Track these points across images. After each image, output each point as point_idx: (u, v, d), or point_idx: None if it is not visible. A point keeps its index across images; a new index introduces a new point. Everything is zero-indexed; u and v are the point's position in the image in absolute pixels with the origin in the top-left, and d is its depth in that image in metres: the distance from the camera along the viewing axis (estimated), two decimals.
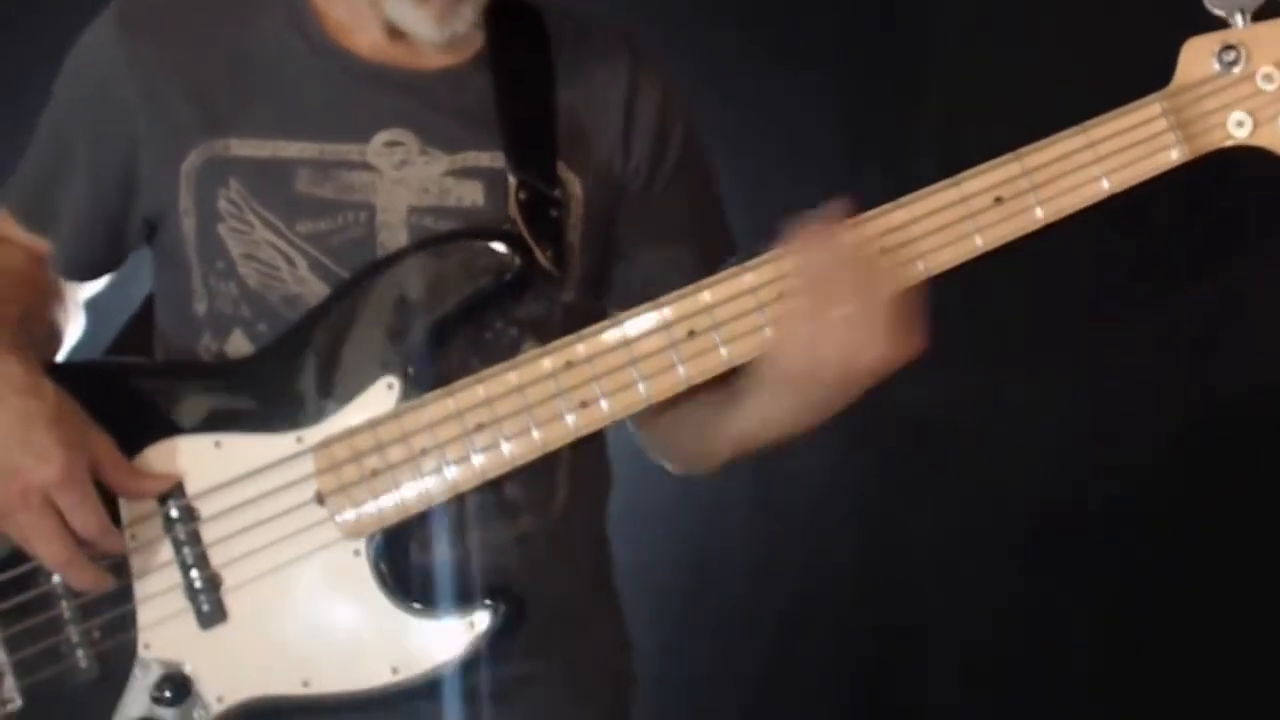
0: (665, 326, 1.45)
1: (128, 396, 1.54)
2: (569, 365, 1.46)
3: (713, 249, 1.62)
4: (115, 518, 1.49)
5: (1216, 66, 1.40)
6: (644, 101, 1.62)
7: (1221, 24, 1.40)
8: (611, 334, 1.46)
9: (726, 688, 2.74)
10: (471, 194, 1.54)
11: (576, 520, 1.63)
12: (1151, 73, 1.44)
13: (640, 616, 1.81)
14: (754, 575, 2.70)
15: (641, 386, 1.46)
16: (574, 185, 1.58)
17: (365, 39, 1.55)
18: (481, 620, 1.48)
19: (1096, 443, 2.57)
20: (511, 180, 1.52)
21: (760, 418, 1.51)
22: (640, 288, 1.54)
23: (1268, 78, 1.38)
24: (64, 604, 1.51)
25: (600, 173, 1.59)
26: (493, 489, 1.51)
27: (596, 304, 1.62)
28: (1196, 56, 1.40)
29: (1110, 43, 2.27)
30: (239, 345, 1.55)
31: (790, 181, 2.45)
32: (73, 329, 1.69)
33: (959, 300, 1.43)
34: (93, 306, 1.71)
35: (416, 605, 1.49)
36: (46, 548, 1.44)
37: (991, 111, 2.32)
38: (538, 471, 1.51)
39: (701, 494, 2.62)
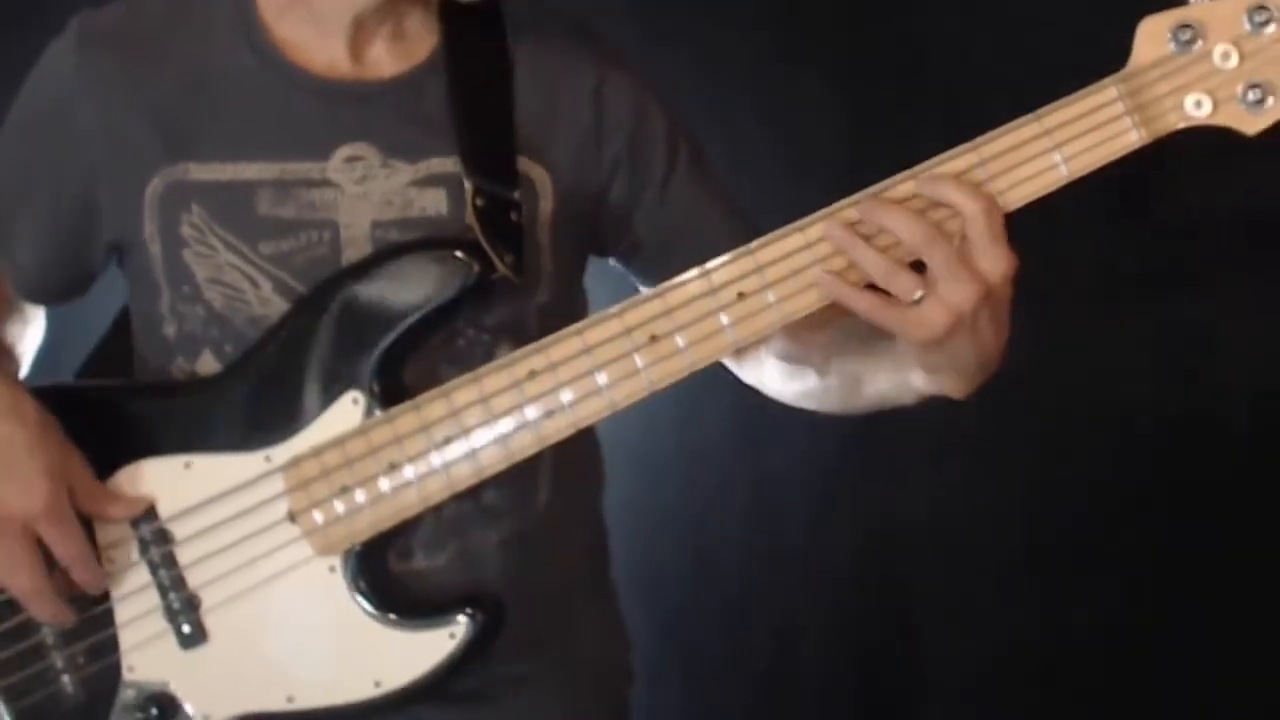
0: (625, 327, 1.44)
1: (97, 418, 1.52)
2: (531, 375, 1.45)
3: (739, 213, 1.64)
4: (90, 539, 1.49)
5: (1173, 46, 1.37)
6: (613, 87, 1.59)
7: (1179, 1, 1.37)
8: (571, 342, 1.45)
9: (726, 685, 2.75)
10: (435, 203, 1.52)
11: (563, 519, 1.62)
12: None
13: (639, 613, 1.82)
14: (753, 572, 2.71)
15: (605, 389, 1.45)
16: (542, 180, 1.55)
17: (320, 54, 1.53)
18: (461, 630, 1.49)
19: (1097, 444, 2.57)
20: (468, 186, 1.50)
21: (929, 391, 1.47)
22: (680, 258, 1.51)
23: (1225, 55, 1.35)
24: (46, 630, 1.52)
25: (572, 163, 1.57)
26: (471, 495, 1.51)
27: (578, 300, 1.62)
28: (1152, 36, 1.38)
29: (1110, 45, 2.23)
30: (208, 365, 1.54)
31: (790, 181, 2.43)
32: (32, 339, 1.69)
33: None
34: (55, 314, 1.70)
35: (395, 617, 1.49)
36: (16, 578, 1.45)
37: (992, 112, 2.29)
38: (518, 474, 1.50)
39: (701, 491, 2.64)
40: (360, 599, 1.49)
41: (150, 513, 1.50)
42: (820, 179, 2.41)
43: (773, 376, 1.66)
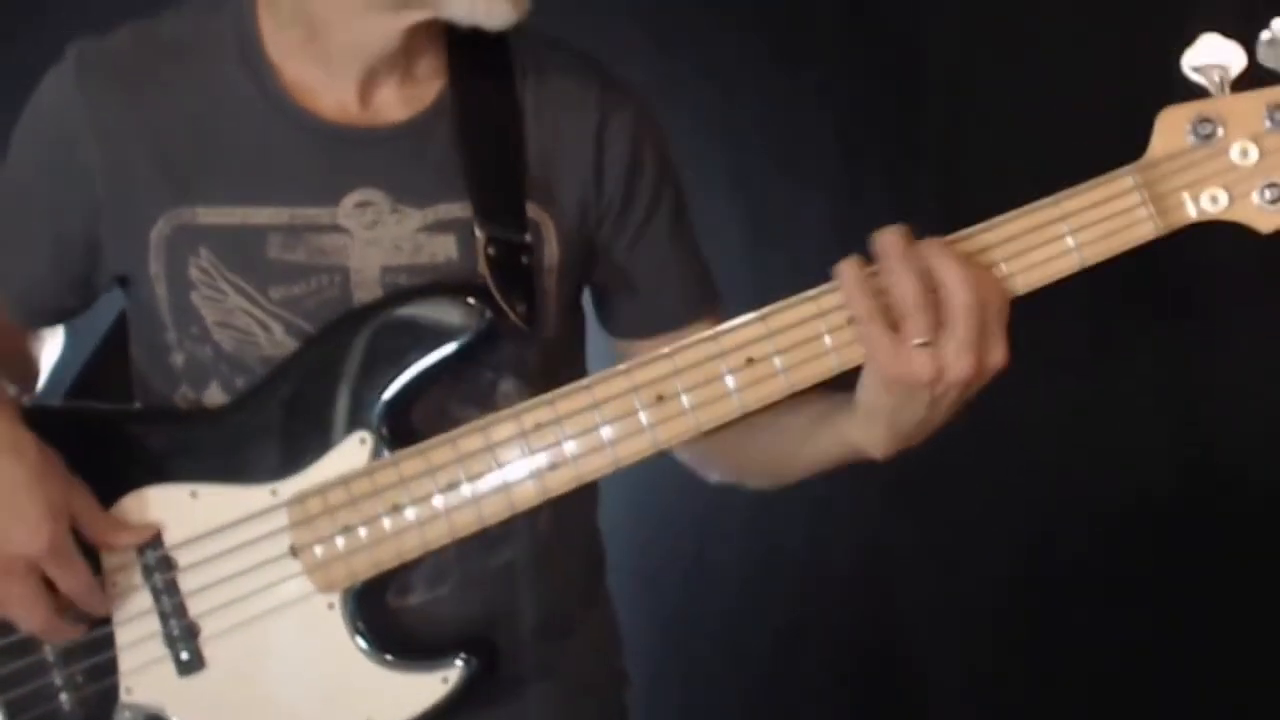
0: (633, 385, 1.45)
1: (103, 444, 1.54)
2: (537, 427, 1.46)
3: (700, 278, 1.66)
4: (94, 564, 1.50)
5: (1191, 139, 1.36)
6: (614, 128, 1.59)
7: (1200, 92, 1.37)
8: (579, 397, 1.46)
9: (725, 685, 2.76)
10: (445, 249, 1.53)
11: (562, 538, 1.64)
12: (1151, 80, 1.40)
13: (639, 614, 1.83)
14: (752, 573, 2.72)
15: (610, 446, 1.46)
16: (546, 225, 1.56)
17: (328, 98, 1.53)
18: (454, 674, 1.50)
19: (1098, 447, 2.57)
20: (480, 236, 1.50)
21: (851, 443, 1.47)
22: (640, 319, 1.58)
23: (1243, 152, 1.35)
24: (48, 649, 1.54)
25: (574, 205, 1.57)
26: None
27: (578, 328, 1.64)
28: (1171, 127, 1.37)
29: (1110, 47, 2.23)
30: (215, 397, 1.56)
31: (790, 182, 2.43)
32: (51, 350, 1.70)
33: None
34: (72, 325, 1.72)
35: (390, 658, 1.50)
36: (26, 616, 1.47)
37: (991, 114, 2.30)
38: None
39: (700, 494, 2.63)
40: (357, 638, 1.50)
41: (155, 539, 1.52)
42: (816, 184, 2.43)
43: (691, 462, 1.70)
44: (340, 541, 1.49)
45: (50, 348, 1.73)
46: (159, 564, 1.52)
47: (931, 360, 1.32)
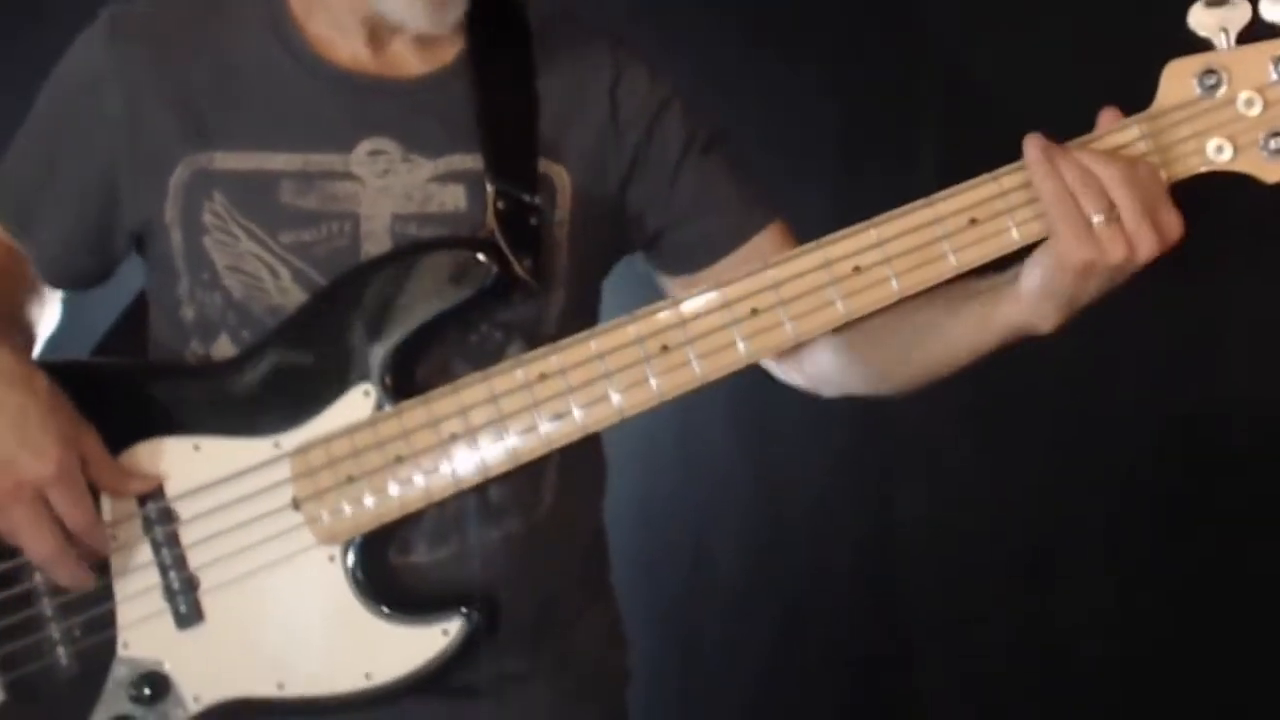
0: (638, 336, 1.45)
1: (110, 395, 1.54)
2: (542, 377, 1.46)
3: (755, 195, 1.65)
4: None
5: (1198, 90, 1.37)
6: (628, 84, 1.61)
7: (1205, 45, 1.38)
8: (584, 348, 1.46)
9: (725, 683, 2.75)
10: (454, 198, 1.54)
11: (565, 519, 1.63)
12: (1149, 76, 1.42)
13: (638, 610, 1.82)
14: (752, 570, 2.71)
15: (615, 397, 1.46)
16: (561, 180, 1.57)
17: (346, 50, 1.55)
18: (455, 627, 1.49)
19: (1097, 443, 2.57)
20: (490, 189, 1.52)
21: (1015, 325, 1.45)
22: (699, 250, 1.57)
23: (1249, 102, 1.36)
24: (45, 601, 1.53)
25: (590, 162, 1.59)
26: (477, 491, 1.52)
27: (594, 303, 1.64)
28: (1177, 79, 1.38)
29: (1111, 44, 2.25)
30: (225, 350, 1.56)
31: (790, 181, 2.44)
32: (48, 322, 1.70)
33: None
34: (70, 299, 1.72)
35: (390, 611, 1.50)
36: (35, 542, 1.46)
37: (991, 112, 2.31)
38: (524, 474, 1.51)
39: (701, 489, 2.64)
40: (356, 590, 1.50)
41: (157, 491, 1.52)
42: (816, 183, 2.44)
43: (827, 363, 1.63)
44: (343, 493, 1.49)
45: (47, 320, 1.73)
46: (160, 516, 1.51)
47: (1119, 236, 1.34)
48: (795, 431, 2.51)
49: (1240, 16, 1.35)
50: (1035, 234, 1.40)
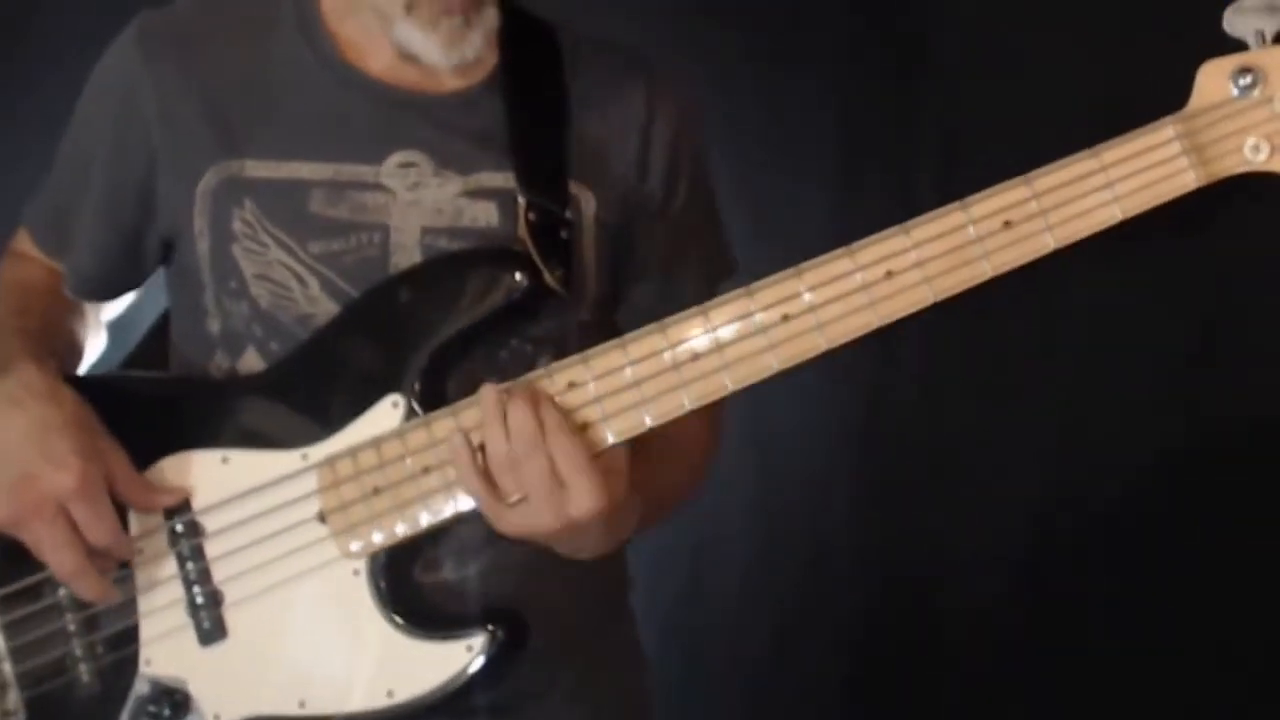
0: (668, 343, 1.43)
1: (138, 410, 1.54)
2: (570, 386, 1.44)
3: (718, 269, 1.66)
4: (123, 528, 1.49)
5: (1233, 90, 1.36)
6: (660, 125, 1.62)
7: (1239, 46, 1.37)
8: (614, 355, 1.44)
9: (726, 682, 2.72)
10: (485, 215, 1.54)
11: None
12: (1150, 77, 1.41)
13: (638, 610, 1.79)
14: (753, 570, 2.69)
15: (643, 407, 1.44)
16: (587, 203, 1.58)
17: (378, 61, 1.56)
18: (479, 645, 1.46)
19: (1097, 441, 2.54)
20: (521, 201, 1.52)
21: None
22: (647, 309, 1.53)
23: None
24: (69, 616, 1.52)
25: (615, 192, 1.59)
26: None
27: (611, 321, 1.62)
28: (1213, 79, 1.37)
29: (1112, 51, 2.25)
30: (251, 363, 1.56)
31: (790, 181, 2.45)
32: (94, 345, 1.71)
33: (956, 303, 1.40)
34: (114, 325, 1.73)
35: (414, 628, 1.47)
36: (57, 557, 1.45)
37: (991, 116, 2.31)
38: None
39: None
40: (381, 605, 1.47)
41: (184, 505, 1.51)
42: (816, 183, 2.45)
43: None
44: (369, 505, 1.47)
45: (93, 344, 1.74)
46: (186, 529, 1.50)
47: (524, 519, 1.39)
48: (796, 430, 2.50)
49: (1276, 17, 1.34)
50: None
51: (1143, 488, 2.50)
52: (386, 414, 1.48)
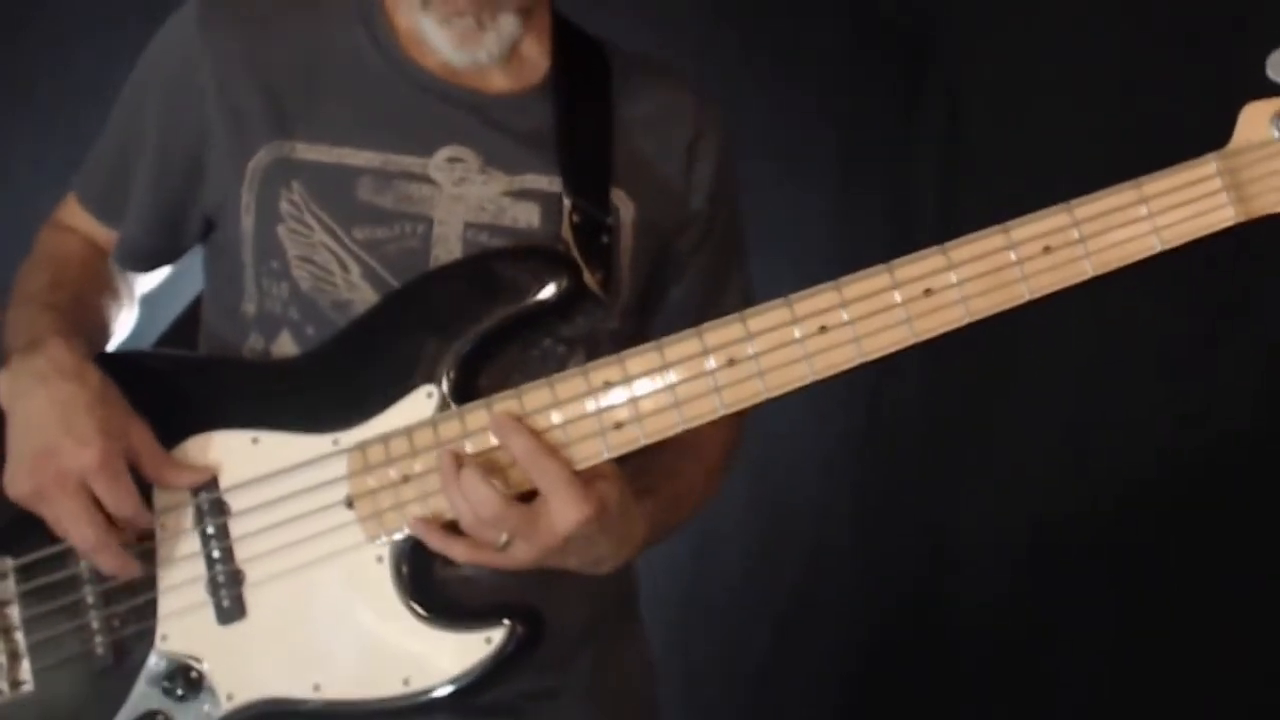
0: (704, 348, 1.45)
1: (170, 388, 1.55)
2: (606, 385, 1.46)
3: (749, 296, 1.70)
4: (147, 502, 1.49)
5: (1275, 132, 1.39)
6: (707, 145, 1.66)
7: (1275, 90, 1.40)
8: (650, 357, 1.45)
9: (726, 682, 2.73)
10: (527, 215, 1.57)
11: None
12: (1152, 79, 1.42)
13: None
14: (753, 569, 2.70)
15: (677, 408, 1.45)
16: (629, 212, 1.61)
17: (434, 56, 1.58)
18: (498, 638, 1.47)
19: (1097, 441, 2.55)
20: (566, 203, 1.54)
21: None
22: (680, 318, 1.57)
23: None
24: (88, 589, 1.52)
25: (656, 204, 1.62)
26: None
27: (640, 332, 1.63)
28: (1254, 121, 1.40)
29: (1112, 47, 2.27)
30: (285, 347, 1.57)
31: (790, 182, 2.46)
32: (126, 322, 1.72)
33: None
34: (146, 302, 1.74)
35: (434, 617, 1.48)
36: (78, 531, 1.45)
37: (991, 116, 2.33)
38: None
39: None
40: (402, 593, 1.48)
41: (211, 483, 1.51)
42: (816, 185, 2.46)
43: None
44: (397, 492, 1.48)
45: (124, 320, 1.74)
46: (212, 508, 1.51)
47: (523, 553, 1.44)
48: (796, 428, 2.51)
49: None
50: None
51: (1143, 488, 2.51)
52: (421, 404, 1.50)
